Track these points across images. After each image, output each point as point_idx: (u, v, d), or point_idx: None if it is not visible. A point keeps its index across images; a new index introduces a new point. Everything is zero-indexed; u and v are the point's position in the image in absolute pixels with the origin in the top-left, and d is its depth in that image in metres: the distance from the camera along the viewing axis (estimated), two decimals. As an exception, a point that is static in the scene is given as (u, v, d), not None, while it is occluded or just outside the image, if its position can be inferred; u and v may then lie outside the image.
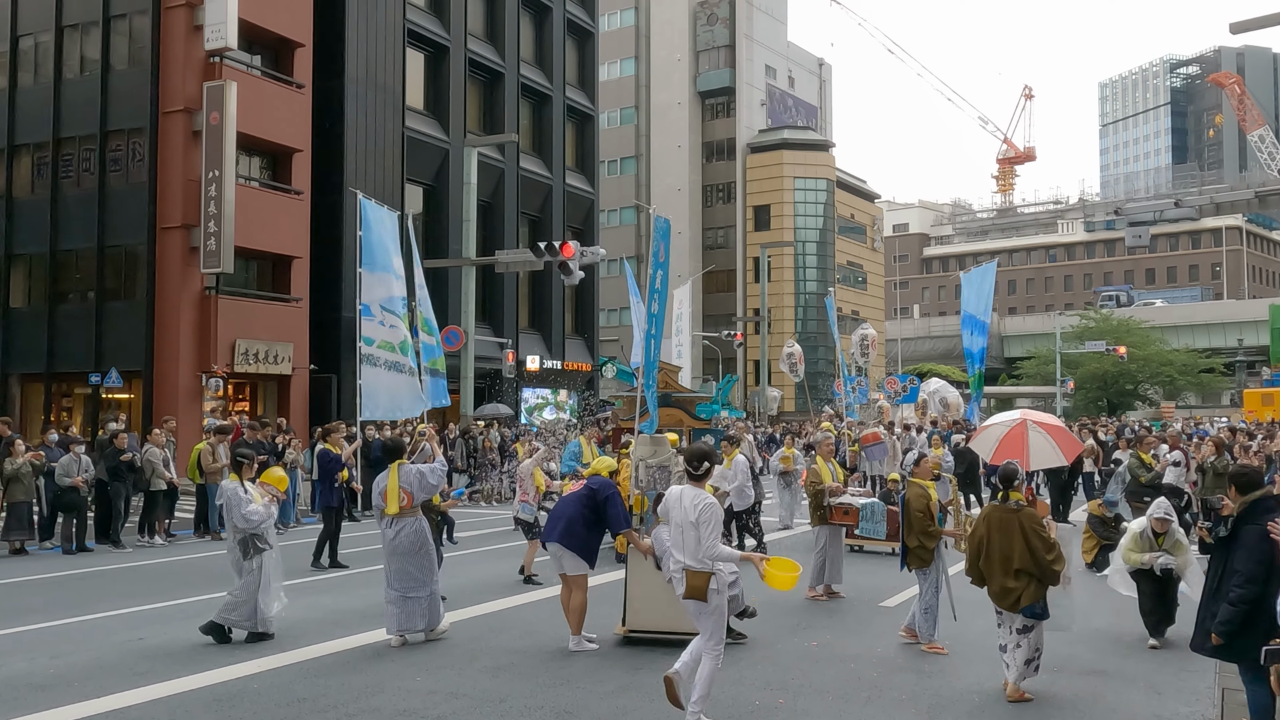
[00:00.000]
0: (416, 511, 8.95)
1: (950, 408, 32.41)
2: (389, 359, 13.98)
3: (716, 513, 6.52)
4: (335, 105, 30.18)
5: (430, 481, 8.96)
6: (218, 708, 7.03)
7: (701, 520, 6.45)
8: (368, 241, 13.63)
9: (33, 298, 28.73)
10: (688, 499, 6.58)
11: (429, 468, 9.09)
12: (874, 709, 7.13)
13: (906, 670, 8.22)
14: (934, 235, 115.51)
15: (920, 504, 9.00)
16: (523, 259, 27.02)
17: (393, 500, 8.81)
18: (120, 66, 27.39)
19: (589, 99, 43.69)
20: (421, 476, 8.90)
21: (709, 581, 6.42)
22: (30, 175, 28.70)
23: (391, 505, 8.81)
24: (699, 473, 6.70)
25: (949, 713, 7.08)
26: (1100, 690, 7.65)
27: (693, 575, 6.47)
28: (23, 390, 29.12)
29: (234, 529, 9.11)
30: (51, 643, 8.97)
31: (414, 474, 8.91)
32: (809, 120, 73.40)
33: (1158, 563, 8.96)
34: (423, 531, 8.90)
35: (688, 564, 6.49)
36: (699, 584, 6.42)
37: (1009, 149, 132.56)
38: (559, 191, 40.32)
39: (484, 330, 33.43)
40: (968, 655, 8.76)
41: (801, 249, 65.77)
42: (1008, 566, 7.34)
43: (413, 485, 8.84)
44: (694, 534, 6.48)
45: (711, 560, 6.44)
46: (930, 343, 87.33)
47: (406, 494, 8.81)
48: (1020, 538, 7.32)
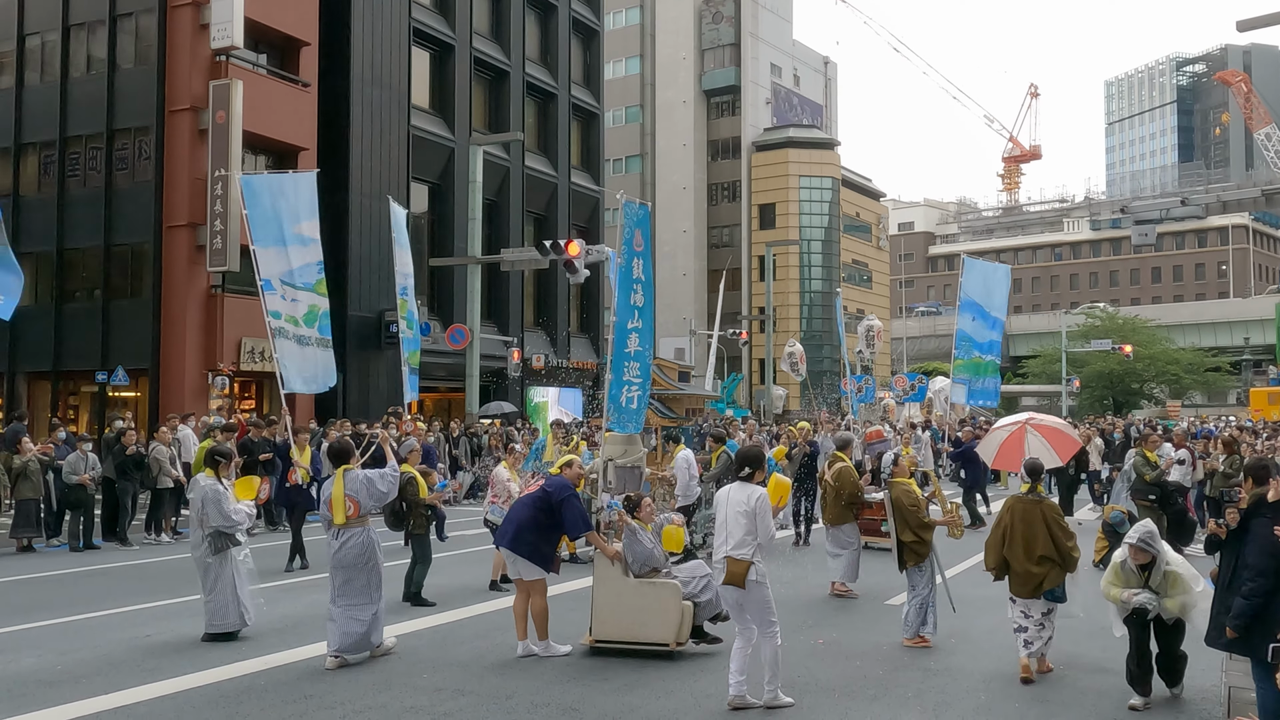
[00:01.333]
0: (365, 521, 8.24)
1: (957, 407, 32.38)
2: (295, 332, 13.75)
3: (766, 503, 7.09)
4: (341, 104, 30.20)
5: (379, 489, 8.26)
6: (225, 704, 7.05)
7: (760, 509, 7.00)
8: (254, 218, 13.29)
9: (40, 296, 28.76)
10: (738, 494, 7.12)
11: (378, 473, 8.36)
12: (880, 706, 7.13)
13: (912, 668, 8.21)
14: (939, 234, 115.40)
15: (909, 499, 9.11)
16: (528, 258, 27.04)
17: (338, 509, 8.11)
18: (127, 65, 27.43)
19: (594, 97, 43.68)
20: (370, 483, 8.19)
21: (748, 570, 6.91)
22: (37, 174, 28.75)
23: (338, 515, 8.12)
24: (743, 474, 7.25)
25: (955, 710, 7.08)
26: (1107, 688, 7.64)
27: (733, 563, 6.97)
28: (30, 388, 29.18)
29: (205, 526, 8.89)
30: (59, 639, 8.99)
31: (361, 481, 8.17)
32: (814, 119, 73.32)
33: (1135, 601, 7.19)
34: (371, 544, 8.22)
35: (729, 553, 6.99)
36: (738, 571, 6.92)
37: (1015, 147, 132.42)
38: (564, 190, 40.32)
39: (489, 328, 33.43)
40: (973, 652, 8.75)
41: (807, 247, 65.70)
42: (1031, 553, 7.88)
43: (360, 493, 8.12)
44: (740, 524, 6.98)
45: (769, 540, 7.08)
46: (936, 341, 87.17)
47: (353, 502, 8.10)
48: (1043, 526, 7.91)
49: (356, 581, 8.09)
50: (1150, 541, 7.14)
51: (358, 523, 8.16)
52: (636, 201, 10.17)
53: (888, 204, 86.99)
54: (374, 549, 8.23)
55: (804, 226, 65.59)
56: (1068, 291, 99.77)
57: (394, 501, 10.27)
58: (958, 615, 9.88)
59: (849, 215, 71.28)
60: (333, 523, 8.16)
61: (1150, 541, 7.14)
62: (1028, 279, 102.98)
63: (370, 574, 8.17)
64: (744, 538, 6.99)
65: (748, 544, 6.97)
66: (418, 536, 10.61)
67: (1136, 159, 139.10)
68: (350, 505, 8.09)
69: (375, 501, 8.26)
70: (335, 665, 7.99)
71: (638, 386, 9.70)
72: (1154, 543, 7.15)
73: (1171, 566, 7.19)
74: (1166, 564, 7.17)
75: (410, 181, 32.56)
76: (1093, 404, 61.74)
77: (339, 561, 8.12)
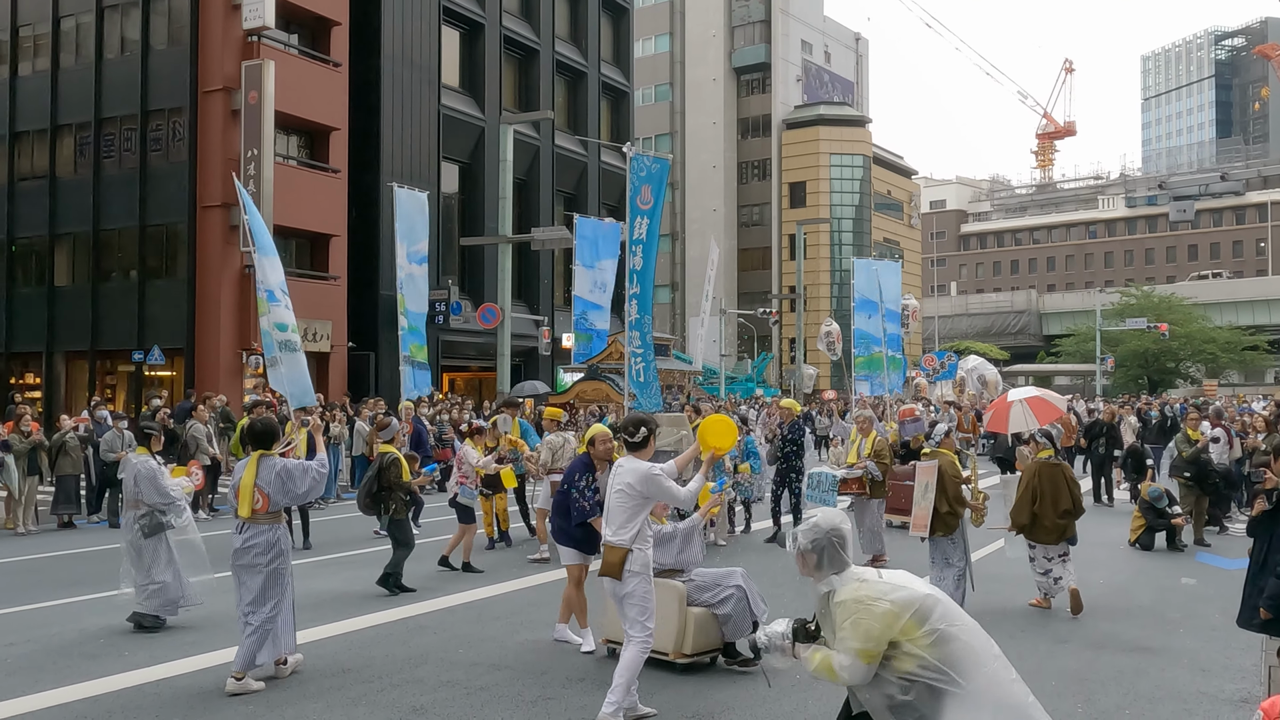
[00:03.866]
0: (276, 518, 7.10)
1: (989, 385, 32.16)
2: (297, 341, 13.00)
3: (659, 480, 6.11)
4: (371, 84, 30.27)
5: (296, 487, 7.08)
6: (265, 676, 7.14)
7: (649, 492, 6.12)
8: (255, 224, 12.77)
9: (77, 276, 29.12)
10: (626, 469, 6.20)
11: (300, 467, 7.14)
12: (915, 684, 7.10)
13: (947, 646, 8.17)
14: (972, 212, 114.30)
15: (953, 470, 9.10)
16: (559, 236, 27.03)
17: (245, 500, 6.98)
18: (160, 46, 27.61)
19: (624, 75, 43.54)
20: (287, 476, 7.04)
21: (625, 559, 6.08)
22: (73, 155, 29.05)
23: (243, 506, 6.99)
24: (635, 440, 6.27)
25: (991, 688, 7.03)
26: (1145, 667, 7.58)
27: (609, 550, 6.15)
28: (68, 367, 29.58)
29: (138, 506, 8.60)
30: (101, 614, 9.12)
31: (277, 471, 7.04)
32: (845, 96, 72.74)
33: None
34: (278, 545, 7.04)
35: (608, 538, 6.19)
36: (613, 560, 6.11)
37: (1049, 124, 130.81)
38: (594, 168, 40.27)
39: (520, 308, 33.52)
40: (1009, 630, 8.69)
41: (837, 226, 65.30)
42: (1057, 508, 9.38)
43: (272, 486, 6.99)
44: (623, 505, 6.12)
45: (687, 502, 6.26)
46: (968, 320, 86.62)
47: (263, 495, 6.96)
48: (1065, 485, 9.44)
49: (251, 584, 6.95)
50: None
51: (266, 519, 7.03)
52: (650, 155, 9.19)
53: (919, 181, 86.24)
54: (282, 550, 7.07)
55: (835, 205, 65.18)
56: (1102, 269, 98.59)
57: (371, 482, 10.01)
58: (992, 592, 9.87)
59: (880, 193, 70.74)
60: (236, 513, 7.09)
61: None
62: (1061, 257, 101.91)
63: (273, 580, 7.00)
64: (625, 521, 6.13)
65: (629, 529, 6.12)
66: (397, 521, 10.09)
67: (1173, 135, 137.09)
68: (259, 498, 6.97)
69: (288, 499, 7.14)
70: (236, 689, 6.77)
71: (641, 358, 9.11)
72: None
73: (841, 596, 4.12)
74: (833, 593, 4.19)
75: (441, 161, 32.64)
76: (1127, 383, 61.12)
77: (238, 561, 7.01)
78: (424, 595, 9.95)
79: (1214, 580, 11.22)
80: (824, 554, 4.12)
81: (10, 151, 29.99)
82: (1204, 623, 9.08)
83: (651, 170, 8.61)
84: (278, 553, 7.03)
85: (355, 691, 6.82)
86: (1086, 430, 19.43)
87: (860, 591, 4.04)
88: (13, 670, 7.37)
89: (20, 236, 29.92)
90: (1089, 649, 8.08)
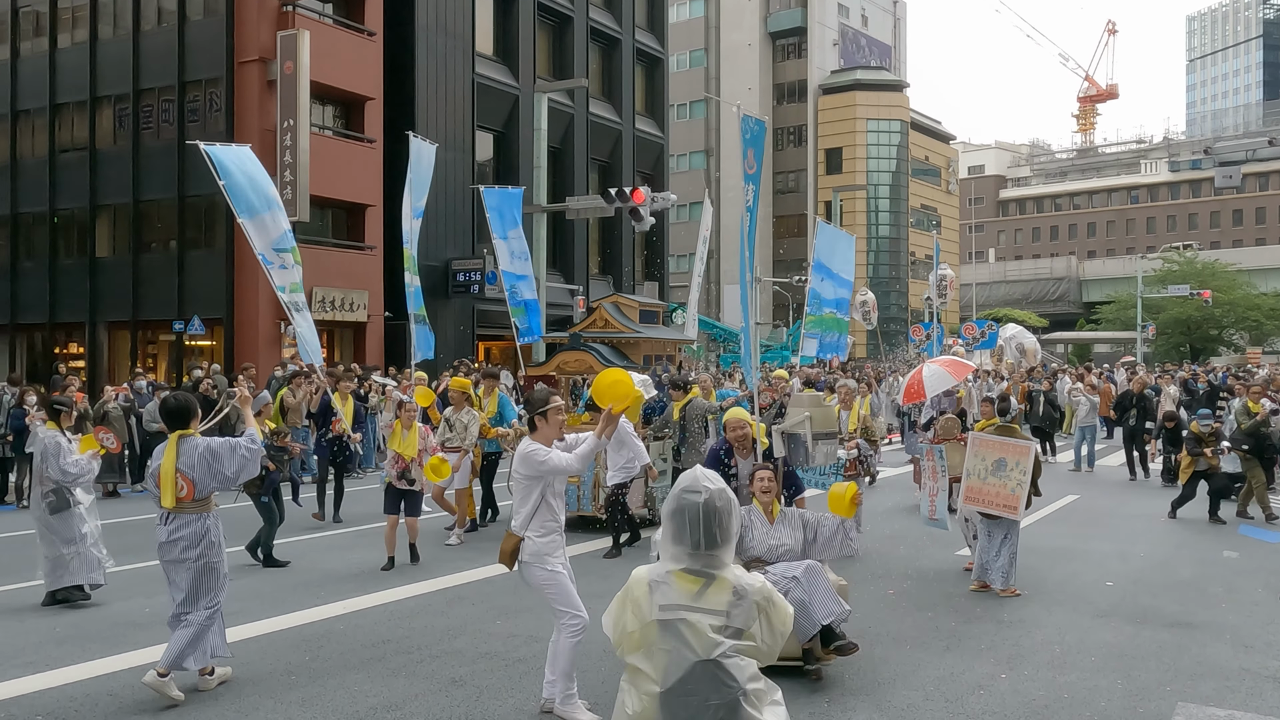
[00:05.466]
0: (205, 506, 6.34)
1: (1027, 353, 31.85)
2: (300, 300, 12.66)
3: (535, 456, 5.75)
4: (406, 52, 30.23)
5: (224, 468, 6.29)
6: (306, 648, 7.24)
7: (532, 473, 5.78)
8: (233, 188, 12.25)
9: (117, 247, 29.43)
10: (517, 454, 5.93)
11: (228, 445, 6.35)
12: (952, 658, 7.09)
13: (985, 619, 8.15)
14: (1011, 177, 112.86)
15: None
16: (593, 206, 26.92)
17: (167, 488, 6.23)
18: (196, 17, 27.69)
19: (658, 42, 43.19)
20: (212, 457, 6.27)
21: (516, 547, 5.81)
22: (112, 127, 29.27)
23: (165, 495, 6.24)
24: (526, 423, 6.02)
25: (1029, 663, 7.02)
26: (1186, 643, 7.52)
27: (505, 538, 5.91)
28: (110, 337, 29.99)
29: (44, 482, 8.53)
30: (146, 583, 9.27)
31: (200, 453, 6.26)
32: (883, 60, 71.82)
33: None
34: (208, 536, 6.31)
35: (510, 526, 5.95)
36: (506, 548, 5.86)
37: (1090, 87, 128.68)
38: (629, 136, 40.07)
39: (554, 277, 33.51)
40: (1046, 603, 8.66)
41: (874, 192, 64.76)
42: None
43: (195, 470, 6.24)
44: (519, 488, 5.89)
45: (577, 468, 5.84)
46: (1006, 287, 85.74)
47: (186, 481, 6.22)
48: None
49: (180, 581, 6.31)
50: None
51: (193, 507, 6.28)
52: (753, 116, 8.32)
53: (958, 147, 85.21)
54: (212, 542, 6.35)
55: (871, 171, 64.62)
56: (1144, 235, 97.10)
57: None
58: (1031, 566, 9.81)
59: (917, 159, 69.96)
60: (160, 503, 6.33)
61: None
62: (1102, 223, 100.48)
63: (205, 575, 6.32)
64: (518, 507, 5.88)
65: (521, 514, 5.84)
66: (255, 498, 10.09)
67: (1219, 97, 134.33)
68: (182, 484, 6.22)
69: (219, 484, 6.34)
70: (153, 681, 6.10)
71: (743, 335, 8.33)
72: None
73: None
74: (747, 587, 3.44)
75: (475, 129, 32.58)
76: (1168, 351, 60.29)
77: (165, 555, 6.34)
78: (462, 565, 10.04)
79: (1256, 554, 11.10)
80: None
81: (51, 124, 30.27)
82: (1246, 597, 8.98)
83: (755, 132, 8.16)
84: (208, 544, 6.30)
85: (395, 663, 6.90)
86: (1117, 402, 18.95)
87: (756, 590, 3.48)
88: (62, 640, 7.52)
89: (61, 208, 30.25)
90: (1129, 624, 8.02)
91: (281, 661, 6.93)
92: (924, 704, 6.19)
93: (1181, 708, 6.18)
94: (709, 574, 3.30)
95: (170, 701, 6.05)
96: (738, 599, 3.29)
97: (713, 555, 3.31)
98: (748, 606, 3.29)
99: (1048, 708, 6.15)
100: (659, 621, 3.28)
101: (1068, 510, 14.15)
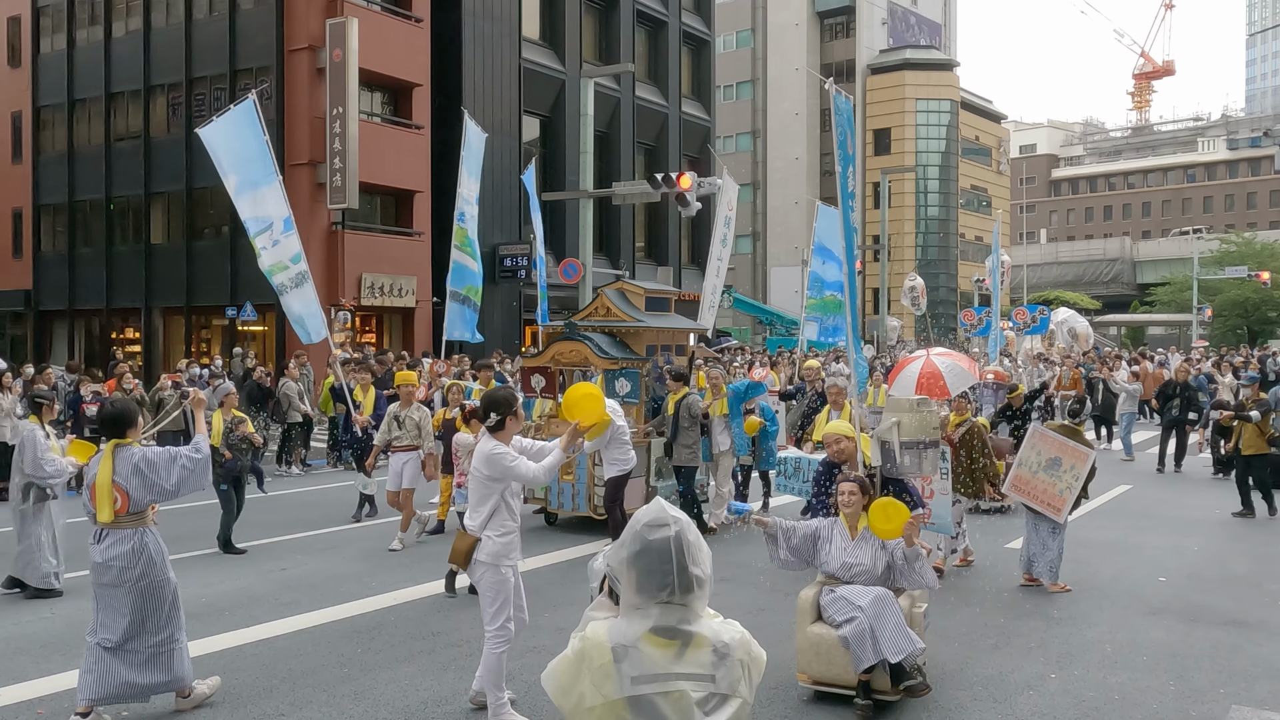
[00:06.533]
0: (140, 520, 5.79)
1: (1079, 338, 31.40)
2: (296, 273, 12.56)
3: (501, 459, 5.66)
4: (453, 38, 30.34)
5: (162, 480, 5.76)
6: (358, 639, 7.36)
7: (494, 474, 5.67)
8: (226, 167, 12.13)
9: (171, 234, 29.93)
10: (476, 451, 5.82)
11: (164, 455, 5.81)
12: (1002, 656, 7.04)
13: (1035, 615, 8.09)
14: (1063, 156, 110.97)
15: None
16: (639, 191, 26.85)
17: (104, 502, 5.69)
18: (247, 6, 27.99)
19: (704, 23, 42.95)
20: (149, 468, 5.73)
21: (471, 547, 5.70)
22: (166, 115, 29.73)
23: (102, 510, 5.71)
24: (490, 424, 5.79)
25: (1079, 662, 6.96)
26: (1241, 642, 7.41)
27: (459, 537, 5.80)
28: (165, 322, 30.52)
29: (21, 473, 8.47)
30: (201, 572, 9.46)
31: (136, 463, 5.73)
32: (932, 38, 70.89)
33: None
34: (145, 552, 5.76)
35: (465, 524, 5.88)
36: (461, 547, 5.74)
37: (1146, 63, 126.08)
38: (675, 120, 39.93)
39: (601, 262, 33.54)
40: (1098, 599, 8.57)
41: (923, 173, 64.05)
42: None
43: (130, 482, 5.71)
44: (475, 490, 5.81)
45: (541, 478, 5.73)
46: (1058, 268, 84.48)
47: (122, 493, 5.70)
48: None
49: (119, 606, 5.74)
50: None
51: (130, 521, 5.75)
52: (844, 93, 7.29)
53: (1009, 126, 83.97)
54: (153, 560, 5.80)
55: (920, 152, 63.90)
56: (1200, 215, 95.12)
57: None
58: (1081, 561, 9.71)
59: (968, 139, 69.07)
60: (96, 518, 5.78)
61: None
62: (1157, 202, 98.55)
63: (150, 596, 5.79)
64: (476, 505, 5.77)
65: (479, 514, 5.73)
66: (219, 487, 10.10)
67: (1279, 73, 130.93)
68: (118, 497, 5.69)
69: (156, 496, 5.82)
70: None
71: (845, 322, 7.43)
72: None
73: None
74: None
75: (522, 115, 32.65)
76: (1225, 334, 59.14)
77: (101, 575, 5.78)
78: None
79: (1315, 548, 10.89)
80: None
81: (107, 112, 30.80)
82: (1304, 595, 8.84)
83: (848, 113, 7.30)
84: (147, 561, 5.75)
85: (445, 656, 6.99)
86: (1159, 391, 17.92)
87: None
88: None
89: (117, 195, 30.80)
90: (1182, 622, 7.92)
91: (334, 653, 7.05)
92: (972, 704, 6.17)
93: (1236, 711, 6.11)
94: (684, 631, 2.74)
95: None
96: (720, 658, 2.75)
97: (686, 606, 2.75)
98: (731, 666, 2.76)
99: (1098, 709, 6.10)
100: (630, 699, 2.70)
101: (1119, 502, 13.95)
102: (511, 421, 5.78)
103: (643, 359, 11.47)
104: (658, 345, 11.90)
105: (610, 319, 11.53)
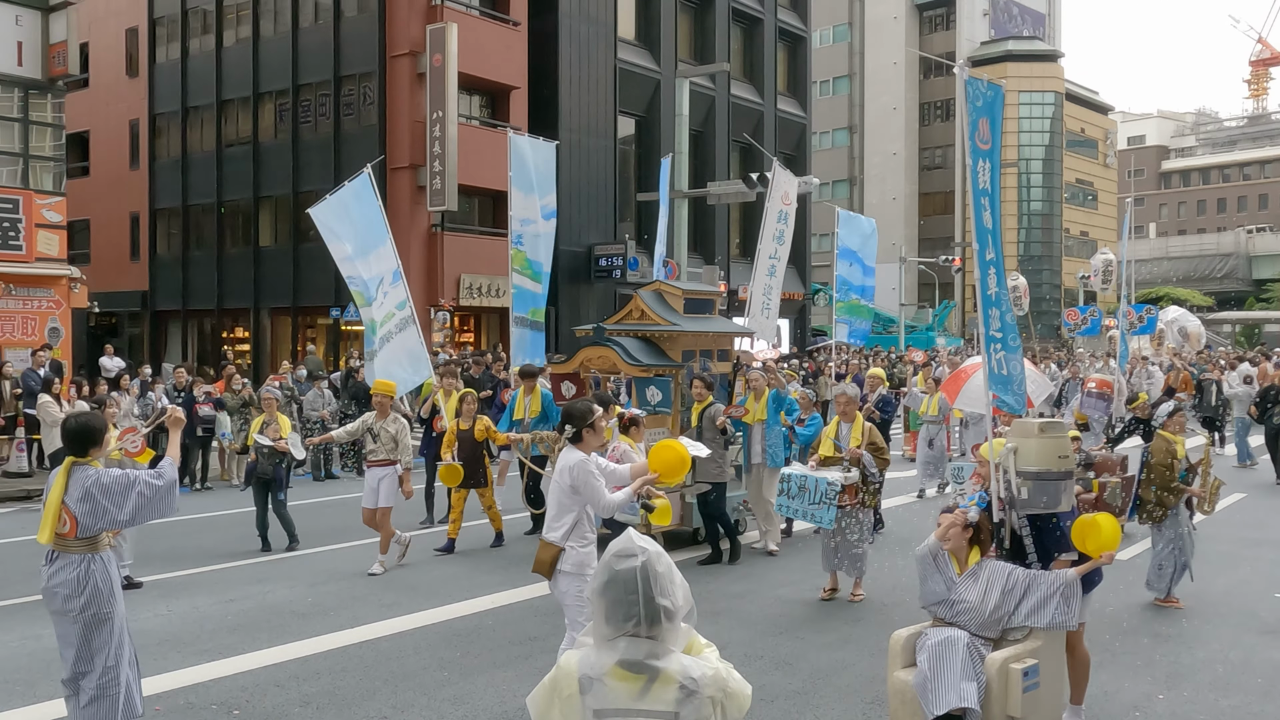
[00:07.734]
0: (92, 546, 5.28)
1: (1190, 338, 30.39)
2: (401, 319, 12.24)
3: (586, 468, 5.71)
4: (549, 40, 30.62)
5: (115, 509, 5.21)
6: (458, 643, 7.51)
7: (576, 483, 5.71)
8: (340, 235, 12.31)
9: (279, 237, 30.82)
10: (561, 460, 5.86)
11: (120, 479, 5.25)
12: (1105, 675, 6.86)
13: (1140, 633, 7.87)
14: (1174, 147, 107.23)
15: (1163, 457, 8.58)
16: (734, 190, 26.83)
17: (46, 522, 5.22)
18: (350, 14, 28.67)
19: (800, 19, 42.57)
20: (103, 493, 5.20)
21: (556, 557, 5.77)
22: (273, 121, 30.62)
23: (43, 530, 5.24)
24: (570, 437, 5.83)
25: (1189, 683, 6.75)
26: (1362, 666, 7.10)
27: (542, 547, 5.85)
28: (272, 322, 31.48)
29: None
30: (308, 571, 9.75)
31: (89, 487, 5.20)
32: (1035, 29, 69.19)
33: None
34: (91, 581, 5.24)
35: (544, 534, 5.90)
36: (544, 558, 5.81)
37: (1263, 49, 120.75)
38: (770, 117, 39.69)
39: (695, 261, 33.53)
40: (1209, 616, 8.31)
41: (1026, 167, 62.61)
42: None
43: (79, 507, 5.19)
44: (556, 499, 5.83)
45: (610, 510, 5.80)
46: (1168, 264, 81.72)
47: (70, 517, 5.19)
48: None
49: (67, 636, 5.32)
50: None
51: (78, 545, 5.25)
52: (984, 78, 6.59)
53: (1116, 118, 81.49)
54: (95, 589, 5.26)
55: (1023, 145, 62.49)
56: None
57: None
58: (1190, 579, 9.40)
59: (1072, 131, 67.27)
60: (38, 539, 5.34)
61: None
62: (1275, 194, 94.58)
63: (92, 628, 5.29)
64: (558, 515, 5.82)
65: (561, 525, 5.79)
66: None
67: None
68: (66, 520, 5.20)
69: (107, 524, 5.27)
70: None
71: (1001, 345, 6.57)
72: None
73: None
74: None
75: (617, 115, 32.81)
76: (1348, 332, 56.60)
77: (47, 601, 5.38)
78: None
79: None
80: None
81: (218, 119, 31.84)
82: None
83: (987, 98, 6.64)
84: (93, 592, 5.23)
85: (542, 662, 7.07)
86: (1260, 397, 16.63)
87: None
88: (234, 628, 7.98)
89: (228, 199, 31.84)
90: (1265, 634, 7.63)
91: (435, 657, 7.21)
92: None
93: (1357, 740, 5.87)
94: (651, 667, 2.70)
95: None
96: (686, 695, 2.70)
97: (655, 639, 2.71)
98: (700, 704, 2.71)
99: (1208, 735, 5.92)
100: None
101: (1232, 511, 13.45)
102: (589, 434, 5.80)
103: (678, 365, 10.78)
104: (696, 350, 11.07)
105: (644, 323, 10.85)
